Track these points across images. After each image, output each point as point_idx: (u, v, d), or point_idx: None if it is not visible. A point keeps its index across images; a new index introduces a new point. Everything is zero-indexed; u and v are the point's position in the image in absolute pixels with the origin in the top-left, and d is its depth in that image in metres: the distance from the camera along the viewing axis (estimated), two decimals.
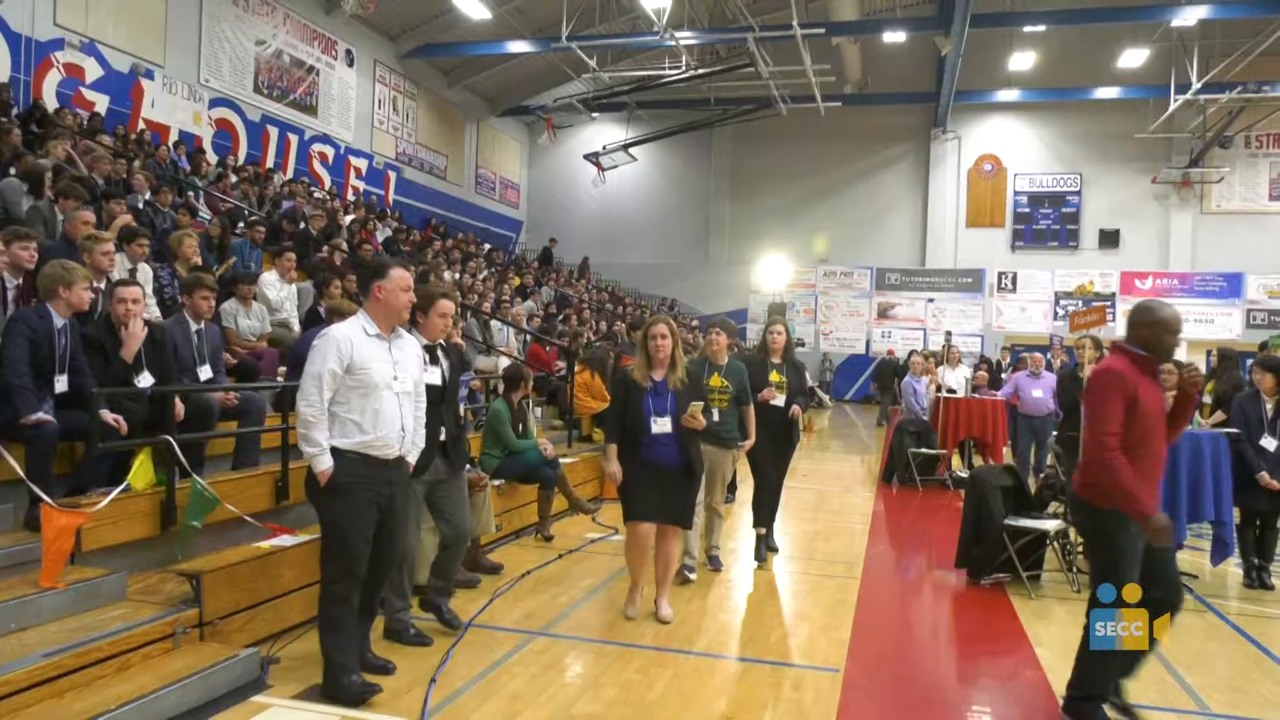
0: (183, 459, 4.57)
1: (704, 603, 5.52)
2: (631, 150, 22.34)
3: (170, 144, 14.02)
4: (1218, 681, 4.52)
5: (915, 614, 5.78)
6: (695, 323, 21.97)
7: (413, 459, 4.05)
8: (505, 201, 25.28)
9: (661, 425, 4.86)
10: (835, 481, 11.03)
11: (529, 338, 11.32)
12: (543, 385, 9.58)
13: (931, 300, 22.82)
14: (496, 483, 6.94)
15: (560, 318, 14.20)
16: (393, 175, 20.45)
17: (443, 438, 4.57)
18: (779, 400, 6.25)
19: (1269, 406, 6.49)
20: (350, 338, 3.73)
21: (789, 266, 23.50)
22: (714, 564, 6.23)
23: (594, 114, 22.49)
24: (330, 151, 18.77)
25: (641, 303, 22.67)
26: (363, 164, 19.63)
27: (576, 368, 9.97)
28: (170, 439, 4.54)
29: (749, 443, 6.02)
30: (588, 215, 25.44)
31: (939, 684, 4.45)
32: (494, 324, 10.90)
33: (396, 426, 3.83)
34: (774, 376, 6.29)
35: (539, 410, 9.42)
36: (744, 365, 6.09)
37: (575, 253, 24.71)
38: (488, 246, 20.54)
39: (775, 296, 23.04)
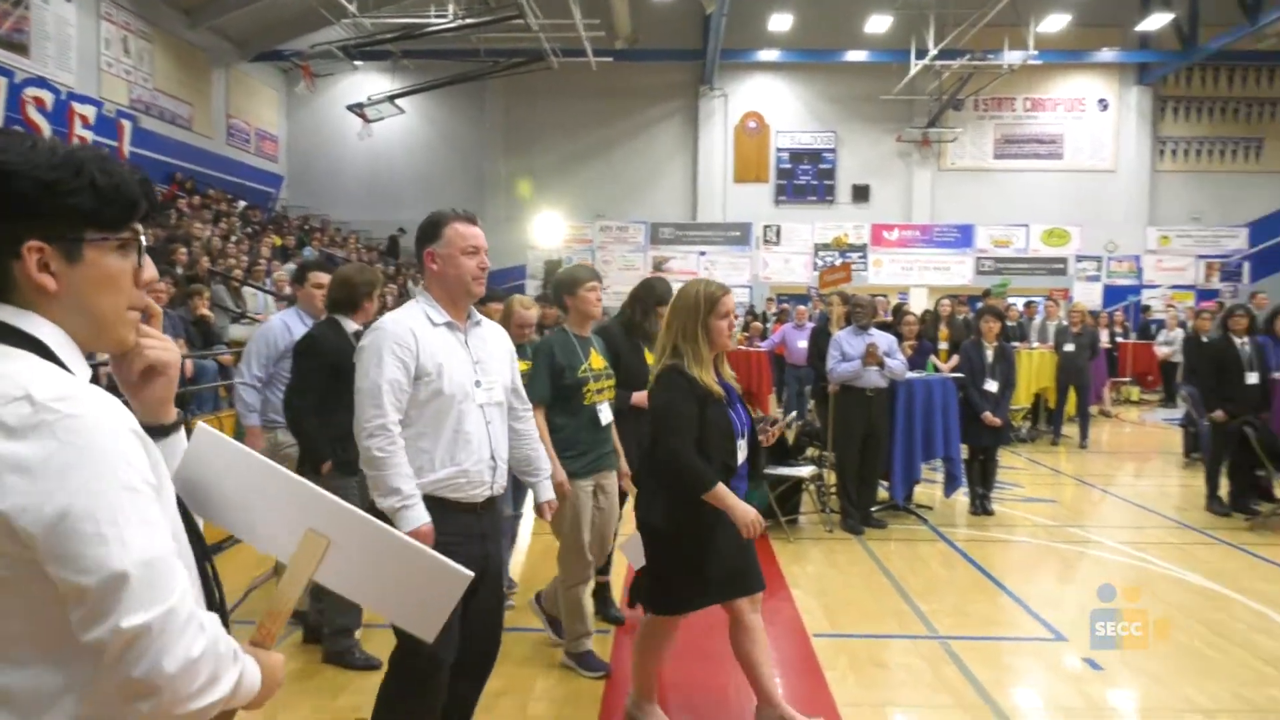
0: None
1: None
2: (398, 102, 21.36)
3: None
4: (946, 606, 5.01)
5: None
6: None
7: (542, 494, 3.12)
8: (262, 154, 23.52)
9: (743, 451, 3.29)
10: None
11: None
12: None
13: (703, 253, 23.59)
14: None
15: None
16: (127, 125, 18.43)
17: None
18: None
19: (990, 353, 7.22)
20: (411, 329, 2.64)
21: (565, 222, 23.50)
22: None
23: (356, 63, 21.25)
24: (49, 97, 16.61)
25: (402, 260, 21.93)
26: (90, 112, 17.53)
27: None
28: None
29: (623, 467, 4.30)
30: (355, 169, 24.17)
31: (703, 631, 4.63)
32: (247, 290, 10.16)
33: (485, 453, 2.71)
34: (650, 359, 4.46)
35: None
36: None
37: (343, 210, 23.49)
38: (243, 204, 19.10)
39: (553, 253, 23.00)
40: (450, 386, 2.63)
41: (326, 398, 3.98)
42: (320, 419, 4.00)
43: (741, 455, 3.24)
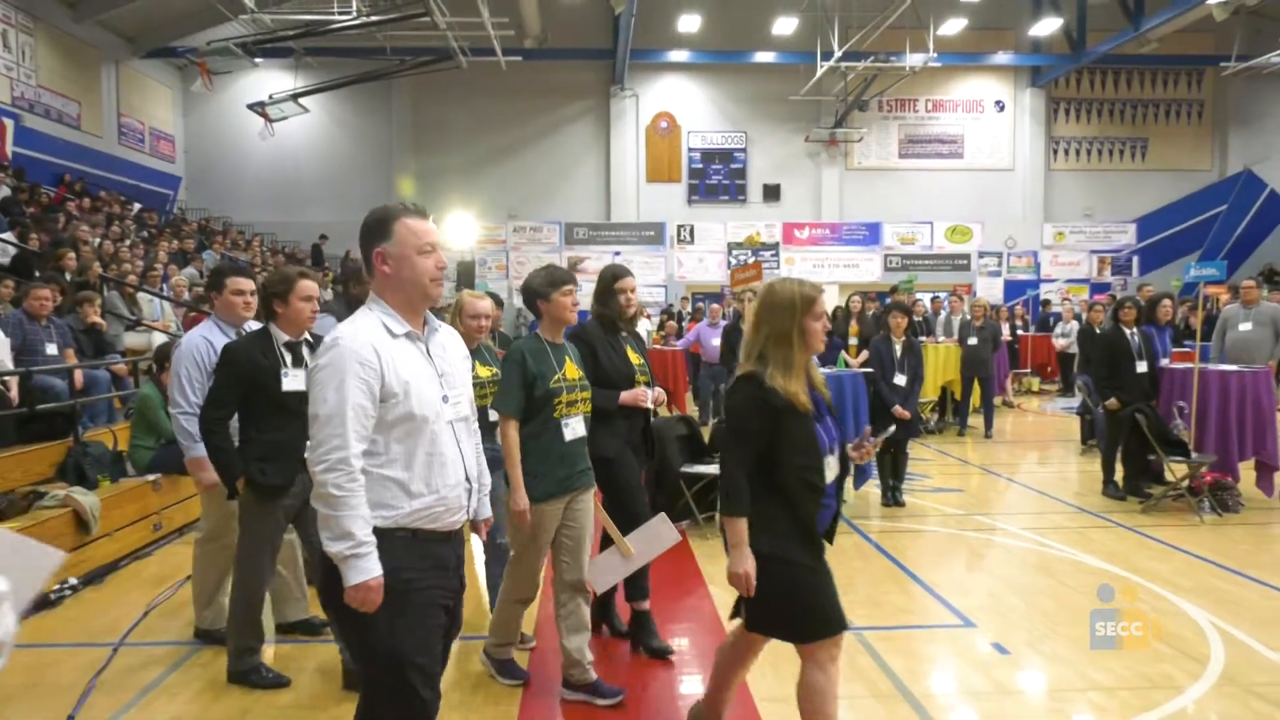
0: None
1: None
2: (302, 100, 20.75)
3: None
4: (860, 597, 5.10)
5: None
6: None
7: (483, 511, 2.69)
8: (158, 155, 22.59)
9: (832, 469, 2.96)
10: None
11: (188, 310, 10.24)
12: None
13: (618, 253, 23.59)
14: (151, 477, 6.27)
15: None
16: (9, 124, 17.49)
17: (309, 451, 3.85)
18: (650, 400, 4.22)
19: (898, 348, 7.38)
20: (372, 343, 2.31)
21: (478, 222, 23.22)
22: (604, 692, 3.77)
23: (256, 60, 20.60)
24: None
25: (327, 266, 21.37)
26: None
27: None
28: None
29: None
30: (258, 170, 23.43)
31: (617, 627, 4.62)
32: (142, 295, 9.73)
33: (459, 475, 2.44)
34: (634, 358, 4.27)
35: None
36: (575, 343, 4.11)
37: (246, 213, 22.77)
38: (137, 206, 18.31)
39: (465, 254, 22.69)
40: (420, 406, 2.34)
41: (250, 413, 3.81)
42: (243, 436, 3.83)
43: (831, 473, 2.93)
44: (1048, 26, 21.45)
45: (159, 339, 8.50)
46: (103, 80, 20.37)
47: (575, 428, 3.70)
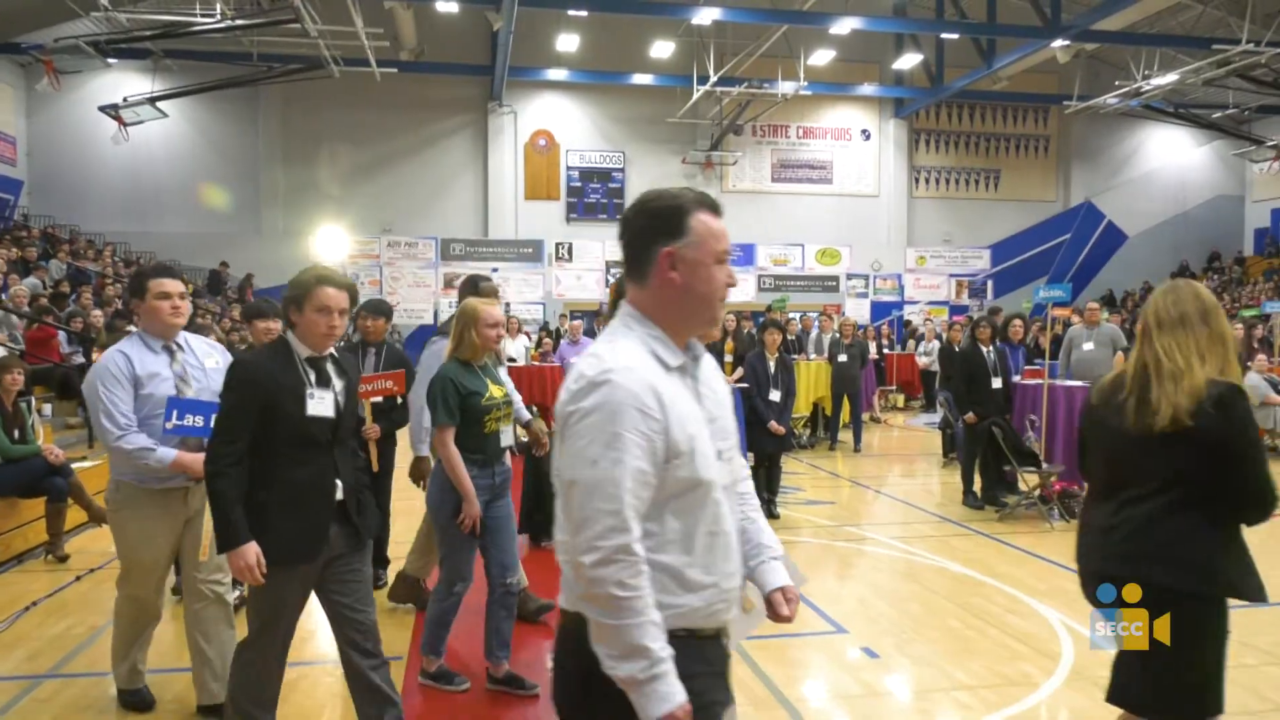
0: None
1: None
2: (160, 105, 19.73)
3: None
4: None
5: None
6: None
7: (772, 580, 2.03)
8: None
9: None
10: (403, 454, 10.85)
11: (29, 322, 9.56)
12: (48, 378, 8.14)
13: (496, 270, 23.35)
14: None
15: (73, 296, 12.18)
16: None
17: (340, 495, 3.02)
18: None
19: (772, 364, 7.56)
20: (652, 384, 1.68)
21: (350, 237, 22.58)
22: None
23: (110, 60, 19.49)
24: None
25: (229, 293, 20.29)
26: None
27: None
28: None
29: None
30: (110, 176, 22.09)
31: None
32: None
33: (739, 559, 1.82)
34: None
35: (47, 408, 8.01)
36: None
37: (97, 221, 21.43)
38: None
39: (337, 269, 22.00)
40: (705, 469, 1.71)
41: (261, 446, 2.92)
42: (251, 476, 2.92)
43: None
44: (909, 61, 22.56)
45: None
46: None
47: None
